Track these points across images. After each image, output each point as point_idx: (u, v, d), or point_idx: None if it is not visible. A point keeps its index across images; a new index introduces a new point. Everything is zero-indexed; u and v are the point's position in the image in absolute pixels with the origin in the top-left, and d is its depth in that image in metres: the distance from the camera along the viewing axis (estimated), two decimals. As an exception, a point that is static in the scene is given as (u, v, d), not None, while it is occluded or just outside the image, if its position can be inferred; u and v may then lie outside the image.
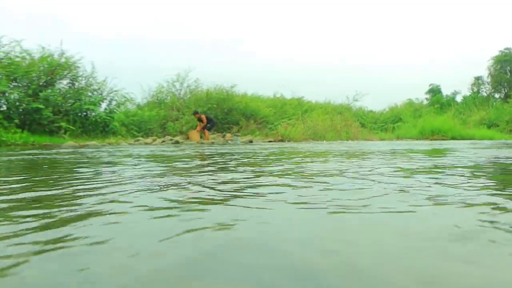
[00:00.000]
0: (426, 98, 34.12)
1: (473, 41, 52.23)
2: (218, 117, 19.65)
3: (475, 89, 35.67)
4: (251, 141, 17.51)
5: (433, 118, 26.13)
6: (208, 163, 4.87)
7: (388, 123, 27.93)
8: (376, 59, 55.55)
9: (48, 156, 6.79)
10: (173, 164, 4.83)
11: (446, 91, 34.99)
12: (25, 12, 44.70)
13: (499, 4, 52.67)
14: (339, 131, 21.60)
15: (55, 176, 3.37)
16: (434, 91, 34.05)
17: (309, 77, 44.06)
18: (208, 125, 17.51)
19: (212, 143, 16.35)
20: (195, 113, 17.77)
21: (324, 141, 18.48)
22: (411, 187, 2.41)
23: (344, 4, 68.08)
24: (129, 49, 47.15)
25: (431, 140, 20.91)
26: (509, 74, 35.23)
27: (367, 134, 23.76)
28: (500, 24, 57.86)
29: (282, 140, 18.38)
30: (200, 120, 17.69)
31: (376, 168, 3.73)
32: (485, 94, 35.30)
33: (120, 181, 2.84)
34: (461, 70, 52.74)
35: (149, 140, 16.82)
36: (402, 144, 13.64)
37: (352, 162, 4.68)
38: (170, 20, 54.93)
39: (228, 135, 18.92)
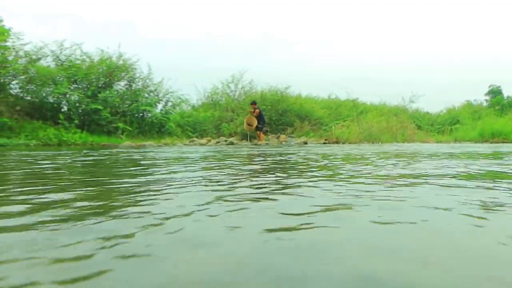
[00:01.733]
0: (486, 100, 31.75)
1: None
2: (273, 118, 18.94)
3: (539, 90, 32.96)
4: (305, 143, 16.66)
5: (493, 120, 24.32)
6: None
7: (445, 125, 26.26)
8: (432, 57, 52.63)
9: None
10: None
11: (507, 92, 32.47)
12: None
13: None
14: (394, 133, 20.47)
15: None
16: (494, 92, 31.64)
17: (362, 77, 42.26)
18: (259, 125, 16.67)
19: (267, 144, 15.64)
20: (253, 103, 16.96)
21: (380, 143, 17.41)
22: None
23: (395, 1, 65.31)
24: (183, 49, 46.85)
25: (491, 143, 19.39)
26: None
27: (423, 136, 22.54)
28: None
29: (337, 142, 17.42)
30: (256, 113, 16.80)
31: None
32: (550, 95, 32.45)
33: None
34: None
35: (204, 140, 16.26)
36: (472, 146, 12.42)
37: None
38: (223, 21, 54.39)
39: (282, 136, 18.12)
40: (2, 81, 14.53)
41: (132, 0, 53.08)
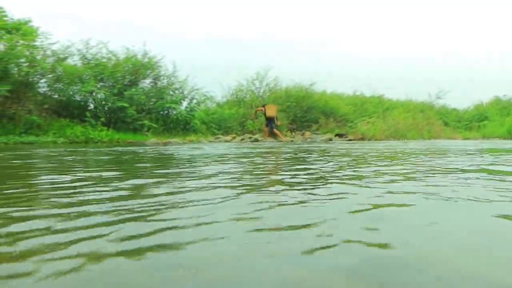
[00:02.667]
0: (516, 95, 30.57)
1: None
2: (297, 115, 18.66)
3: None
4: (330, 139, 16.28)
5: (523, 116, 23.38)
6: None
7: (472, 122, 25.40)
8: (459, 52, 50.69)
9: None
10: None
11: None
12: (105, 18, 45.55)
13: None
14: (420, 129, 19.93)
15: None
16: (524, 88, 30.55)
17: (388, 73, 41.07)
18: (271, 125, 16.39)
19: (292, 141, 15.35)
20: (264, 106, 16.81)
21: (406, 140, 16.92)
22: None
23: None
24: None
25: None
26: None
27: (450, 133, 21.85)
28: None
29: (362, 139, 17.00)
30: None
31: None
32: None
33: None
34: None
35: (228, 138, 16.02)
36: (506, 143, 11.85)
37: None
38: (249, 20, 53.44)
39: (307, 133, 17.78)
40: (30, 80, 14.50)
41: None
